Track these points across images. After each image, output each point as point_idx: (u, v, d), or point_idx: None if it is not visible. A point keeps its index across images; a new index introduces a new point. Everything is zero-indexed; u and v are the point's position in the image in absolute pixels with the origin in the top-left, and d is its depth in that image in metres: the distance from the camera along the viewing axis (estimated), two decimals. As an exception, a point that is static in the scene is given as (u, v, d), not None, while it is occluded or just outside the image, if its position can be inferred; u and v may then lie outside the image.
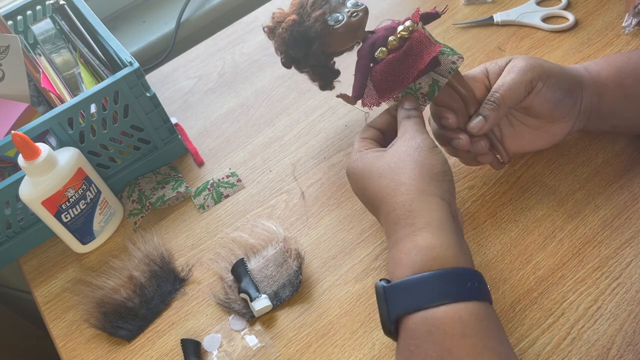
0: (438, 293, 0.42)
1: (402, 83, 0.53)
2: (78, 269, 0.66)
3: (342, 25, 0.54)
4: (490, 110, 0.54)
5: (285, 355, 0.55)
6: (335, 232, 0.62)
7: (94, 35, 0.68)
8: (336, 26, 0.54)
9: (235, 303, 0.58)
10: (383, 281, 0.45)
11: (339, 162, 0.69)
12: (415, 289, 0.43)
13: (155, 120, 0.68)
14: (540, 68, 0.53)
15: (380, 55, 0.53)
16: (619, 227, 0.56)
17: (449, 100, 0.55)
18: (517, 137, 0.58)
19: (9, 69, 0.65)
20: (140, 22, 1.00)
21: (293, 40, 0.55)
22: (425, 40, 0.52)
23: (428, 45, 0.52)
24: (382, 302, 0.45)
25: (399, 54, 0.52)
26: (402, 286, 0.44)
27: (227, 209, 0.68)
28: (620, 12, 0.75)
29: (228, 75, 0.83)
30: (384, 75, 0.53)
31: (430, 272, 0.43)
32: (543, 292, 0.54)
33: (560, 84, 0.54)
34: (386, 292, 0.45)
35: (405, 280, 0.44)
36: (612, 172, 0.60)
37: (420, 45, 0.52)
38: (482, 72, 0.56)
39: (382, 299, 0.45)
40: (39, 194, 0.58)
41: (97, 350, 0.59)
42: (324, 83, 0.61)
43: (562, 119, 0.56)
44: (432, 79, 0.54)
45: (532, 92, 0.54)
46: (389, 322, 0.44)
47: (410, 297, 0.43)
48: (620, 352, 0.49)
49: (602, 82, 0.56)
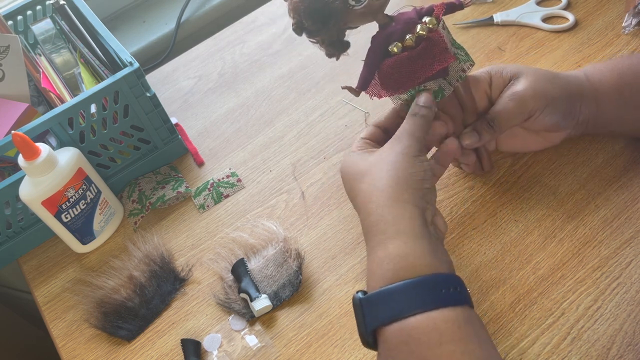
0: (411, 302, 0.42)
1: (408, 84, 0.53)
2: (78, 269, 0.66)
3: (363, 7, 0.51)
4: (487, 131, 0.53)
5: (285, 355, 0.55)
6: (335, 232, 0.62)
7: (94, 35, 0.68)
8: (357, 7, 0.51)
9: (235, 303, 0.58)
10: (360, 293, 0.45)
11: (339, 162, 0.69)
12: (389, 299, 0.42)
13: (155, 120, 0.68)
14: (543, 96, 0.53)
15: (395, 50, 0.52)
16: (619, 227, 0.56)
17: (448, 104, 0.55)
18: (511, 138, 0.58)
19: (9, 69, 0.65)
20: (140, 22, 1.00)
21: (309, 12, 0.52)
22: (441, 45, 0.51)
23: (442, 52, 0.51)
24: (359, 314, 0.44)
25: (412, 53, 0.51)
26: (376, 297, 0.43)
27: (227, 209, 0.68)
28: (620, 12, 0.75)
29: (228, 75, 0.83)
30: (392, 71, 0.52)
31: (402, 281, 0.43)
32: (543, 292, 0.54)
33: (559, 108, 0.54)
34: (362, 304, 0.44)
35: (379, 292, 0.43)
36: (612, 172, 0.60)
37: (434, 50, 0.51)
38: (486, 80, 0.56)
39: (359, 311, 0.44)
40: (39, 194, 0.58)
41: (97, 350, 0.59)
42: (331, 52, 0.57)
43: (559, 131, 0.56)
44: (439, 85, 0.53)
45: (529, 119, 0.54)
46: (367, 334, 0.44)
47: (385, 308, 0.42)
48: (620, 352, 0.49)
49: (602, 91, 0.55)
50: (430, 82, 0.53)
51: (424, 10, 0.53)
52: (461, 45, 0.55)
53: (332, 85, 0.77)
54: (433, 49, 0.51)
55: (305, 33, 0.55)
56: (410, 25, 0.52)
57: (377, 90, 0.55)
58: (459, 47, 0.55)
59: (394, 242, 0.44)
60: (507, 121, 0.53)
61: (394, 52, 0.52)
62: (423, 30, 0.51)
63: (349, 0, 0.51)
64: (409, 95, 0.54)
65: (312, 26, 0.53)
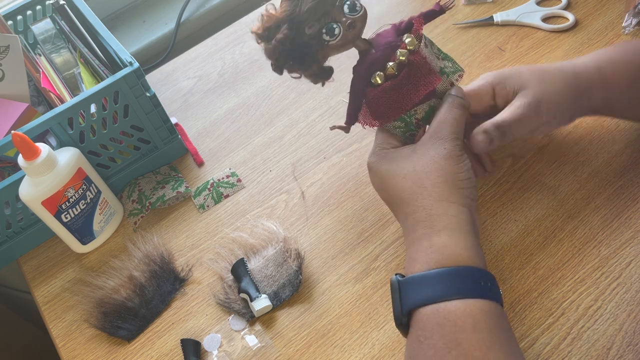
0: (451, 288, 0.43)
1: (397, 112, 0.52)
2: (78, 269, 0.66)
3: (338, 40, 0.50)
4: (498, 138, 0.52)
5: (285, 355, 0.55)
6: (335, 232, 0.62)
7: (94, 35, 0.68)
8: (332, 41, 0.50)
9: (235, 303, 0.58)
10: (398, 276, 0.47)
11: (339, 162, 0.69)
12: (429, 283, 0.44)
13: (155, 120, 0.68)
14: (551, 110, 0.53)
15: (378, 80, 0.51)
16: (619, 227, 0.56)
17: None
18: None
19: (9, 69, 0.65)
20: (140, 22, 1.00)
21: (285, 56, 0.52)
22: (425, 68, 0.50)
23: (426, 75, 0.50)
24: (396, 295, 0.46)
25: (395, 82, 0.50)
26: (416, 280, 0.45)
27: (227, 209, 0.68)
28: (620, 12, 0.75)
29: (228, 75, 0.83)
30: (378, 102, 0.52)
31: (445, 267, 0.44)
32: (543, 292, 0.54)
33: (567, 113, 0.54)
34: (400, 285, 0.46)
35: (421, 275, 0.45)
36: (612, 172, 0.60)
37: (417, 74, 0.50)
38: (489, 92, 0.55)
39: (396, 292, 0.46)
40: (39, 194, 0.58)
41: (97, 350, 0.59)
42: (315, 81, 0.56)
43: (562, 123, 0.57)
44: (429, 106, 0.52)
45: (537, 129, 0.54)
46: (402, 314, 0.45)
47: (423, 291, 0.44)
48: (620, 352, 0.49)
49: (614, 84, 0.54)
50: (420, 105, 0.52)
51: (403, 26, 0.52)
52: (447, 54, 0.54)
53: (332, 85, 0.77)
54: (417, 73, 0.50)
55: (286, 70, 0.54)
56: (389, 51, 0.51)
57: (369, 119, 0.54)
58: (445, 57, 0.54)
59: (440, 235, 0.46)
60: (518, 131, 0.53)
61: (377, 82, 0.51)
62: (403, 55, 0.50)
63: (323, 37, 0.50)
64: (401, 121, 0.53)
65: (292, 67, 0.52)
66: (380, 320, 0.55)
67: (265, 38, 0.52)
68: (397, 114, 0.52)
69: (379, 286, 0.57)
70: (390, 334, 0.54)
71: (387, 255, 0.59)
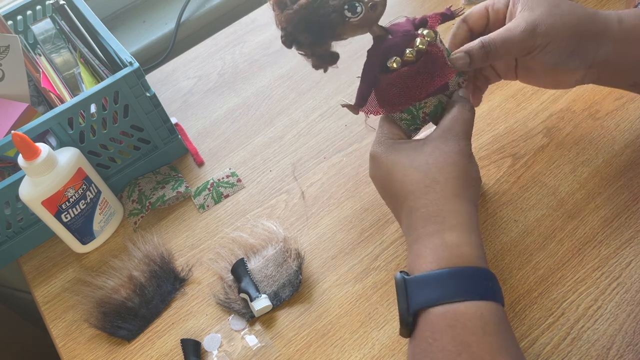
0: (463, 289, 0.42)
1: (408, 101, 0.51)
2: (78, 269, 0.66)
3: (359, 19, 0.49)
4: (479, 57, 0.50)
5: (285, 355, 0.55)
6: (335, 232, 0.62)
7: (94, 35, 0.68)
8: (353, 18, 0.49)
9: (235, 303, 0.58)
10: (402, 273, 0.45)
11: (339, 162, 0.69)
12: (440, 283, 0.43)
13: (155, 120, 0.68)
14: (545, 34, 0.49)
15: (394, 65, 0.50)
16: (619, 227, 0.56)
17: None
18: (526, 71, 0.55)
19: (9, 69, 0.65)
20: (140, 22, 1.00)
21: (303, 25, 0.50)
22: (441, 60, 0.50)
23: (442, 67, 0.50)
24: (402, 294, 0.44)
25: (412, 69, 0.50)
26: (425, 279, 0.44)
27: (227, 209, 0.68)
28: (620, 12, 0.75)
29: (228, 75, 0.83)
30: (392, 88, 0.51)
31: (457, 267, 0.43)
32: (543, 292, 0.54)
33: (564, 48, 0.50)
34: (407, 283, 0.44)
35: (431, 274, 0.44)
36: (612, 172, 0.60)
37: (434, 64, 0.50)
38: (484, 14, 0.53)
39: (402, 291, 0.45)
40: (39, 194, 0.58)
41: (97, 350, 0.59)
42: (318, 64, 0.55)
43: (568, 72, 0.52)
44: (439, 100, 0.52)
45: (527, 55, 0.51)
46: (408, 313, 0.44)
47: (433, 291, 0.43)
48: (620, 352, 0.49)
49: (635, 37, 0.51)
50: (430, 97, 0.52)
51: (418, 22, 0.52)
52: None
53: (332, 85, 0.77)
54: (433, 63, 0.50)
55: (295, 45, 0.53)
56: (409, 39, 0.50)
57: (374, 107, 0.53)
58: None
59: (451, 232, 0.45)
60: (502, 51, 0.50)
61: (393, 67, 0.50)
62: (423, 44, 0.50)
63: (345, 12, 0.49)
64: (408, 113, 0.52)
65: (306, 39, 0.51)
66: (380, 320, 0.55)
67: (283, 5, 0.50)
68: (408, 102, 0.52)
69: (379, 286, 0.57)
70: (390, 334, 0.54)
71: (387, 255, 0.59)
